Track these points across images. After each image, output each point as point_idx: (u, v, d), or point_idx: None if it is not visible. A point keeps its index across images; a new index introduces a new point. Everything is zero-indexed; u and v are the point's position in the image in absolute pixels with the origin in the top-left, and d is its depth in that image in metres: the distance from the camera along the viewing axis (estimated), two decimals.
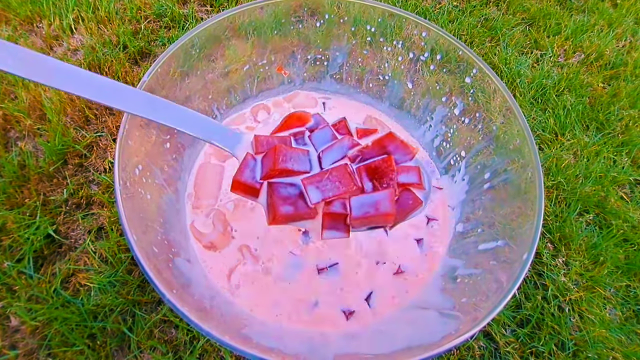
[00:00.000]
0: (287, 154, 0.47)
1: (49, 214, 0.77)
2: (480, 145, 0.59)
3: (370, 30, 0.66)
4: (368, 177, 0.48)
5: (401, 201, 0.49)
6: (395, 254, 0.63)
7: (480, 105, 0.58)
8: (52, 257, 0.75)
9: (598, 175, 0.91)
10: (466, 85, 0.59)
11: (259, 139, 0.51)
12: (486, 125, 0.58)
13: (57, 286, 0.71)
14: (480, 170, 0.60)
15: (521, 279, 0.41)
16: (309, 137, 0.53)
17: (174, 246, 0.54)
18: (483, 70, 0.56)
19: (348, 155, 0.50)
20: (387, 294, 0.59)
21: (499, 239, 0.51)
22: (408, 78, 0.68)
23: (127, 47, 0.97)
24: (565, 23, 1.18)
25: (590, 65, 1.11)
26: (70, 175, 0.81)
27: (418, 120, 0.72)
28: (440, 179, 0.70)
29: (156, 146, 0.57)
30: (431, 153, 0.72)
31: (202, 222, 0.64)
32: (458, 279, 0.53)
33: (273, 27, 0.68)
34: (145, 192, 0.51)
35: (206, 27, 0.61)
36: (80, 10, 1.03)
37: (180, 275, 0.48)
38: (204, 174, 0.69)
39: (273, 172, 0.47)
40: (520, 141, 0.51)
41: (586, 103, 1.03)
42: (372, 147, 0.50)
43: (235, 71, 0.73)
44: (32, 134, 0.86)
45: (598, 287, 0.79)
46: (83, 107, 0.89)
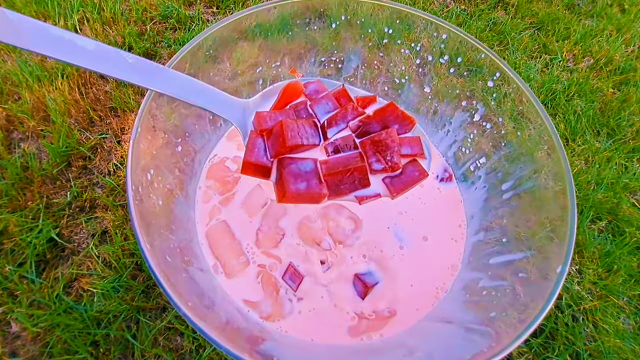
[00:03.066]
0: (295, 129, 0.45)
1: (51, 217, 0.75)
2: (503, 152, 0.57)
3: (388, 32, 0.64)
4: (372, 151, 0.47)
5: (407, 172, 0.49)
6: (412, 264, 0.61)
7: (504, 110, 0.56)
8: (54, 262, 0.73)
9: (610, 182, 0.89)
10: (488, 89, 0.57)
11: (261, 115, 0.49)
12: (510, 131, 0.55)
13: (60, 291, 0.69)
14: (502, 177, 0.57)
15: (557, 293, 0.39)
16: (311, 107, 0.51)
17: (187, 254, 0.51)
18: (507, 73, 0.54)
19: (350, 125, 0.49)
20: (411, 305, 0.57)
21: (526, 250, 0.48)
22: (425, 82, 0.66)
23: (133, 49, 0.96)
24: (574, 28, 1.16)
25: (599, 70, 1.10)
26: (74, 177, 0.80)
27: (435, 126, 0.70)
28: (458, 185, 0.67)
29: (167, 149, 0.55)
30: (449, 159, 0.70)
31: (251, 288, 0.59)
32: (483, 291, 0.50)
33: (284, 29, 0.66)
34: (157, 198, 0.49)
35: (216, 29, 0.59)
36: (86, 11, 1.02)
37: (194, 286, 0.46)
38: (216, 238, 0.63)
39: (284, 149, 0.45)
40: (548, 148, 0.49)
41: (596, 108, 1.01)
42: (374, 117, 0.49)
43: (243, 73, 0.71)
44: (35, 136, 0.84)
45: (612, 296, 0.77)
46: (87, 108, 0.87)
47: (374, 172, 0.47)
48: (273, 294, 0.57)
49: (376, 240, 0.63)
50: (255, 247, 0.61)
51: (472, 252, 0.59)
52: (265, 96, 0.54)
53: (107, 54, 0.39)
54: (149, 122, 0.48)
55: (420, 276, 0.60)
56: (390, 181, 0.48)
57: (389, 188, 0.48)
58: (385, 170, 0.48)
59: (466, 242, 0.61)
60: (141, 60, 0.41)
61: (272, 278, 0.58)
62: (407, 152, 0.49)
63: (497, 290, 0.48)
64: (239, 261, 0.59)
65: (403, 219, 0.64)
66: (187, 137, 0.60)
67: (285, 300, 0.57)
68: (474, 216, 0.62)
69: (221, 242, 0.60)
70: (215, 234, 0.61)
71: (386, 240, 0.63)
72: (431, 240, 0.63)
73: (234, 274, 0.58)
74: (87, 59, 0.38)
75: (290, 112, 0.50)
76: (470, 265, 0.57)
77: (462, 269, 0.58)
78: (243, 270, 0.58)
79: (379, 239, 0.63)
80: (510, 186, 0.56)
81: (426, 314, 0.55)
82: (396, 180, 0.48)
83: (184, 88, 0.45)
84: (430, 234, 0.63)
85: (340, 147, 0.47)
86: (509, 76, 0.54)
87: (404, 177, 0.48)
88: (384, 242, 0.63)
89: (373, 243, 0.63)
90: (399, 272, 0.61)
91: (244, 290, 0.57)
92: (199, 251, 0.58)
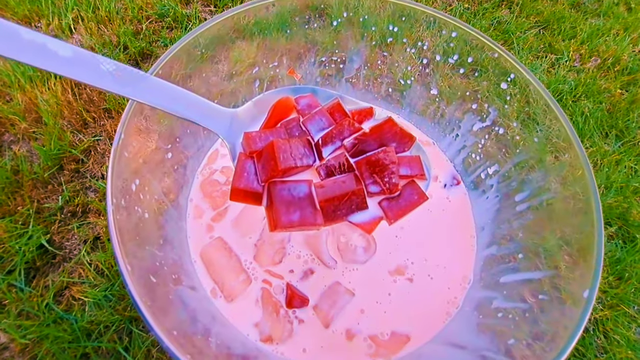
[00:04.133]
0: (287, 149, 0.41)
1: (42, 223, 0.72)
2: (517, 160, 0.52)
3: (392, 30, 0.60)
4: (368, 172, 0.43)
5: (405, 196, 0.45)
6: (421, 278, 0.57)
7: (518, 115, 0.51)
8: (45, 269, 0.70)
9: (619, 186, 0.85)
10: (502, 92, 0.53)
11: (249, 135, 0.44)
12: (525, 137, 0.51)
13: (50, 300, 0.66)
14: (516, 187, 0.53)
15: (584, 323, 0.35)
16: (304, 124, 0.47)
17: (175, 271, 0.47)
18: (522, 75, 0.50)
19: (344, 144, 0.44)
20: (421, 323, 0.53)
21: (545, 269, 0.44)
22: (432, 83, 0.62)
23: (128, 48, 0.92)
24: (580, 27, 1.12)
25: (607, 70, 1.06)
26: (66, 181, 0.76)
27: (443, 130, 0.65)
28: (468, 192, 0.63)
29: (156, 157, 0.50)
30: (457, 166, 0.65)
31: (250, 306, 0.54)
32: (498, 313, 0.46)
33: (283, 28, 0.62)
34: (143, 211, 0.45)
35: (210, 26, 0.55)
36: (80, 10, 0.98)
37: (182, 309, 0.42)
38: (212, 259, 0.57)
39: (276, 172, 0.41)
40: (569, 156, 0.45)
41: (604, 110, 0.98)
42: (370, 134, 0.45)
43: (241, 73, 0.67)
44: (27, 138, 0.81)
45: (623, 305, 0.73)
46: (81, 109, 0.83)
47: (370, 194, 0.44)
48: (273, 314, 0.52)
49: (385, 259, 0.59)
50: (255, 263, 0.56)
51: (484, 267, 0.54)
52: (255, 105, 0.50)
53: (83, 60, 0.35)
54: (134, 128, 0.44)
55: (430, 290, 0.56)
56: (387, 205, 0.44)
57: (387, 213, 0.44)
58: (382, 193, 0.44)
59: (477, 255, 0.56)
60: (121, 67, 0.37)
61: (272, 297, 0.53)
62: (406, 172, 0.45)
63: (514, 313, 0.44)
64: (239, 280, 0.54)
65: (411, 230, 0.60)
66: (177, 143, 0.56)
67: (284, 322, 0.52)
68: (485, 228, 0.58)
69: (218, 262, 0.55)
70: (210, 254, 0.56)
71: (395, 257, 0.59)
72: (440, 252, 0.59)
73: (235, 295, 0.54)
74: (61, 65, 0.34)
75: (282, 130, 0.46)
76: (482, 282, 0.53)
77: (473, 285, 0.54)
78: (244, 290, 0.54)
79: (388, 257, 0.59)
80: (525, 197, 0.51)
81: (437, 332, 0.50)
82: (394, 204, 0.44)
83: (166, 97, 0.40)
84: (438, 246, 0.59)
85: (333, 169, 0.43)
86: (525, 78, 0.50)
87: (402, 201, 0.44)
88: (392, 260, 0.59)
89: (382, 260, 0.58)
90: (407, 287, 0.56)
91: (244, 313, 0.53)
92: (191, 268, 0.54)
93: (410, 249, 0.59)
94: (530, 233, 0.49)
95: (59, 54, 0.34)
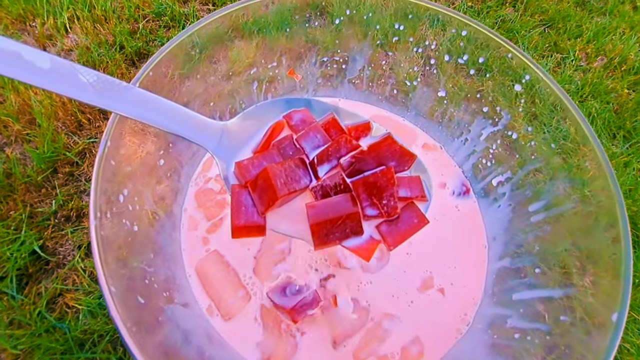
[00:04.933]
0: (283, 175, 0.39)
1: (35, 228, 0.70)
2: (532, 166, 0.49)
3: (398, 28, 0.56)
4: (366, 194, 0.40)
5: (404, 219, 0.42)
6: (430, 292, 0.54)
7: (533, 119, 0.48)
8: (37, 276, 0.67)
9: (628, 189, 0.82)
10: (516, 94, 0.50)
11: (242, 165, 0.41)
12: (541, 142, 0.48)
13: (42, 309, 0.63)
14: (531, 196, 0.49)
15: (614, 351, 0.32)
16: (298, 141, 0.44)
17: (167, 288, 0.44)
18: (538, 76, 0.47)
19: (341, 162, 0.41)
20: (430, 339, 0.50)
21: (566, 286, 0.40)
22: (440, 84, 0.58)
23: (124, 48, 0.89)
24: (586, 25, 1.09)
25: (614, 70, 1.03)
26: (60, 185, 0.74)
27: (451, 133, 0.61)
28: (478, 201, 0.60)
29: (147, 164, 0.47)
30: (467, 172, 0.61)
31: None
32: (515, 333, 0.43)
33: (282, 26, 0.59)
34: (132, 224, 0.42)
35: (205, 24, 0.52)
36: (76, 9, 0.96)
37: (174, 331, 0.38)
38: (209, 277, 0.54)
39: (274, 201, 0.38)
40: (590, 165, 0.42)
41: (612, 110, 0.95)
42: (368, 153, 0.42)
43: (239, 74, 0.64)
44: (20, 140, 0.79)
45: (633, 312, 0.70)
46: (75, 111, 0.81)
47: (367, 217, 0.41)
48: (275, 330, 0.49)
49: (396, 270, 0.55)
50: (254, 277, 0.52)
51: (497, 281, 0.51)
52: (245, 117, 0.46)
53: (61, 71, 0.32)
54: (121, 134, 0.41)
55: (438, 305, 0.52)
56: (386, 230, 0.41)
57: (385, 239, 0.41)
58: (380, 216, 0.41)
59: (488, 267, 0.53)
60: (102, 78, 0.34)
61: (271, 311, 0.50)
62: (405, 194, 0.42)
63: (532, 335, 0.40)
64: (237, 296, 0.50)
65: (416, 241, 0.56)
66: (171, 149, 0.52)
67: (287, 336, 0.49)
68: (497, 238, 0.54)
69: (215, 277, 0.51)
70: (206, 268, 0.52)
71: (401, 269, 0.55)
72: (448, 264, 0.56)
73: (233, 313, 0.50)
74: (37, 77, 0.31)
75: (274, 152, 0.43)
76: (495, 298, 0.49)
77: (485, 301, 0.50)
78: (243, 307, 0.50)
79: (393, 270, 0.55)
80: (540, 207, 0.48)
81: (447, 351, 0.47)
82: (393, 229, 0.41)
83: (151, 110, 0.38)
84: (446, 257, 0.56)
85: (329, 189, 0.40)
86: (542, 80, 0.47)
87: (401, 225, 0.41)
88: (397, 274, 0.55)
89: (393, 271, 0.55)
90: (415, 302, 0.53)
91: (243, 332, 0.49)
92: (185, 283, 0.50)
93: (417, 261, 0.56)
94: (548, 246, 0.45)
95: (35, 65, 0.32)
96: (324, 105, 0.49)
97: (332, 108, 0.48)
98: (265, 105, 0.48)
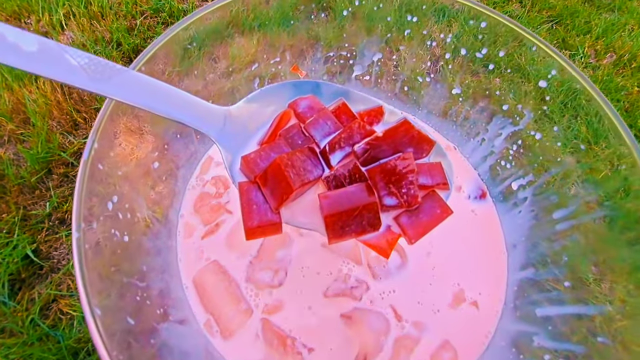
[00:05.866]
0: (296, 165, 0.35)
1: (28, 231, 0.67)
2: (558, 170, 0.45)
3: (411, 20, 0.52)
4: (383, 182, 0.37)
5: (425, 209, 0.38)
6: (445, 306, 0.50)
7: (560, 118, 0.44)
8: (30, 281, 0.65)
9: (639, 189, 0.79)
10: (540, 91, 0.46)
11: (249, 158, 0.38)
12: (569, 143, 0.44)
13: (35, 316, 0.61)
14: (557, 202, 0.45)
15: None
16: (306, 129, 0.40)
17: (161, 304, 0.40)
18: (566, 71, 0.43)
19: (355, 150, 0.38)
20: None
21: (602, 303, 0.37)
22: (456, 81, 0.54)
23: (121, 45, 0.87)
24: (594, 22, 1.05)
25: (623, 67, 0.99)
26: (55, 186, 0.72)
27: (466, 133, 0.57)
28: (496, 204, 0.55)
29: (140, 167, 0.44)
30: (483, 174, 0.57)
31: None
32: (545, 355, 0.39)
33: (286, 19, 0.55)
34: (122, 234, 0.38)
35: (202, 15, 0.49)
36: (72, 5, 0.93)
37: (168, 355, 0.35)
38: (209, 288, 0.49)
39: (288, 195, 0.35)
40: (626, 167, 0.39)
41: (622, 108, 0.91)
42: (384, 139, 0.38)
43: (240, 71, 0.61)
44: (13, 140, 0.76)
45: None
46: (71, 110, 0.78)
47: (385, 208, 0.37)
48: (279, 348, 0.44)
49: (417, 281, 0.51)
50: (255, 288, 0.48)
51: (519, 293, 0.46)
52: (249, 102, 0.43)
53: (49, 53, 0.29)
54: (110, 135, 0.38)
55: (453, 318, 0.48)
56: (406, 222, 0.38)
57: (406, 232, 0.38)
58: (399, 207, 0.37)
59: (509, 277, 0.48)
60: (94, 61, 0.31)
61: (274, 327, 0.46)
62: (426, 182, 0.39)
63: (565, 357, 0.37)
64: (239, 309, 0.46)
65: (428, 246, 0.53)
66: (166, 150, 0.49)
67: (293, 354, 0.44)
68: (518, 246, 0.50)
69: (214, 289, 0.47)
70: (205, 279, 0.48)
71: (412, 277, 0.51)
72: (464, 272, 0.51)
73: (233, 330, 0.45)
74: (23, 60, 0.28)
75: (282, 142, 0.39)
76: (518, 312, 0.45)
77: (506, 314, 0.46)
78: (245, 323, 0.45)
79: (419, 280, 0.51)
80: (567, 214, 0.43)
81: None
82: (414, 220, 0.38)
83: (148, 94, 0.34)
84: (462, 265, 0.52)
85: (343, 178, 0.37)
86: (571, 75, 0.43)
87: (423, 216, 0.38)
88: (408, 282, 0.51)
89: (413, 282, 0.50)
90: (429, 315, 0.49)
91: (244, 351, 0.45)
92: (182, 295, 0.46)
93: (431, 268, 0.52)
94: (578, 257, 0.41)
95: (20, 47, 0.29)
96: (334, 87, 0.45)
97: (343, 91, 0.45)
98: (271, 88, 0.44)
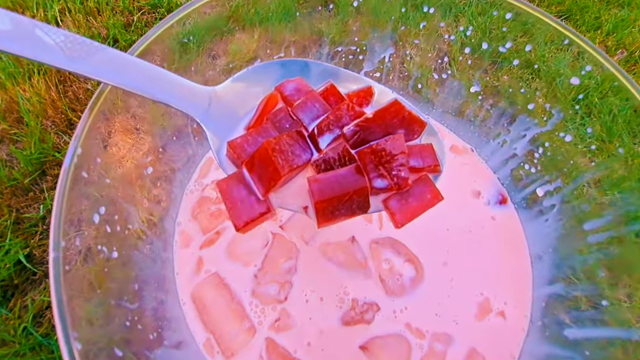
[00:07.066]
0: (284, 149, 0.34)
1: (21, 235, 0.64)
2: (590, 175, 0.41)
3: (427, 11, 0.48)
4: (373, 164, 0.36)
5: (415, 193, 0.37)
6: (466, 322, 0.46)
7: (595, 119, 0.41)
8: (23, 287, 0.62)
9: None
10: (571, 89, 0.42)
11: (235, 144, 0.36)
12: (605, 145, 0.40)
13: (28, 324, 0.58)
14: (589, 210, 0.41)
15: None
16: (294, 112, 0.39)
17: (155, 327, 0.37)
18: (604, 67, 0.39)
19: (344, 132, 0.37)
20: None
21: None
22: (475, 77, 0.50)
23: (118, 41, 0.83)
24: (605, 17, 1.02)
25: (635, 64, 0.96)
26: (49, 188, 0.69)
27: (485, 134, 0.53)
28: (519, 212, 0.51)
29: (131, 173, 0.40)
30: (503, 179, 0.52)
31: None
32: None
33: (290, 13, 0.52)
34: (110, 249, 0.35)
35: (197, 6, 0.45)
36: (67, 1, 0.89)
37: None
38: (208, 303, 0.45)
39: (277, 180, 0.33)
40: None
41: (633, 107, 0.88)
42: (374, 120, 0.37)
43: (241, 68, 0.57)
44: (6, 140, 0.73)
45: None
46: (66, 108, 0.74)
47: (375, 191, 0.36)
48: None
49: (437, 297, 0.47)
50: (260, 303, 0.44)
51: (547, 311, 0.41)
52: (235, 82, 0.41)
53: (22, 30, 0.27)
54: (97, 139, 0.34)
55: (471, 335, 0.44)
56: (395, 205, 0.36)
57: (394, 215, 0.36)
58: (389, 189, 0.36)
59: (534, 292, 0.44)
60: (71, 38, 0.28)
61: (278, 347, 0.41)
62: (417, 164, 0.38)
63: None
64: (242, 327, 0.42)
65: (453, 258, 0.49)
66: (161, 154, 0.45)
67: None
68: (543, 257, 0.45)
69: (215, 306, 0.43)
70: (204, 295, 0.44)
71: (426, 290, 0.47)
72: (484, 284, 0.47)
73: (236, 349, 0.41)
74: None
75: (269, 126, 0.38)
76: (547, 331, 0.40)
77: (532, 333, 0.41)
78: (248, 342, 0.41)
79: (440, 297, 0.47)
80: (603, 224, 0.39)
81: None
82: (403, 204, 0.36)
83: (128, 73, 0.32)
84: (481, 276, 0.48)
85: (332, 162, 0.36)
86: (607, 71, 0.40)
87: (412, 200, 0.37)
88: (424, 296, 0.47)
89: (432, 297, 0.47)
90: (455, 327, 0.46)
91: None
92: (179, 313, 0.42)
93: (449, 280, 0.48)
94: (618, 273, 0.37)
95: None
96: (322, 66, 0.43)
97: (333, 70, 0.43)
98: (258, 68, 0.43)
